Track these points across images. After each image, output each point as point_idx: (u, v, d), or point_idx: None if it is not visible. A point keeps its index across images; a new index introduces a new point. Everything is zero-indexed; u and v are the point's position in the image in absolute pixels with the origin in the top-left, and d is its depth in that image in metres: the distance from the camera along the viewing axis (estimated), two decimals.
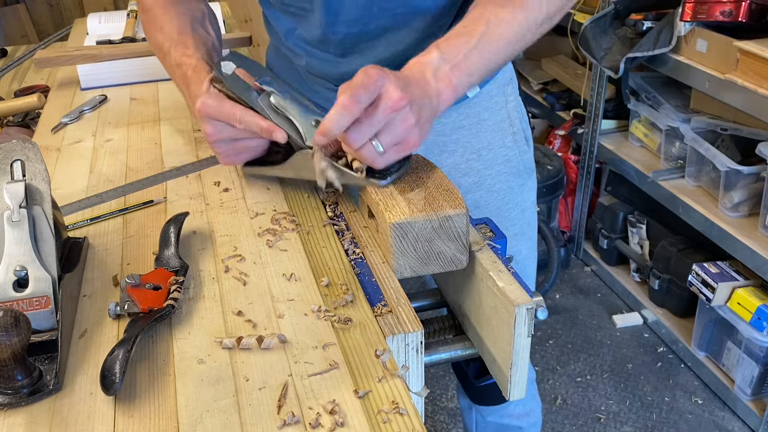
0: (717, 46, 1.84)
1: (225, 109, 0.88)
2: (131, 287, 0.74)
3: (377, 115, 0.76)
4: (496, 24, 0.86)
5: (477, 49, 0.85)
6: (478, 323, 0.81)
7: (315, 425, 0.60)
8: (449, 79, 0.83)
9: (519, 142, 1.16)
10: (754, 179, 1.90)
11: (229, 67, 0.89)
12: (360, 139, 0.77)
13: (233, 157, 0.94)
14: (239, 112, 0.88)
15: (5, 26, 3.74)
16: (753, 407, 1.97)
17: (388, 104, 0.76)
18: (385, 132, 0.78)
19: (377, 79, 0.75)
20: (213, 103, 0.88)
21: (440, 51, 0.84)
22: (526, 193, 1.19)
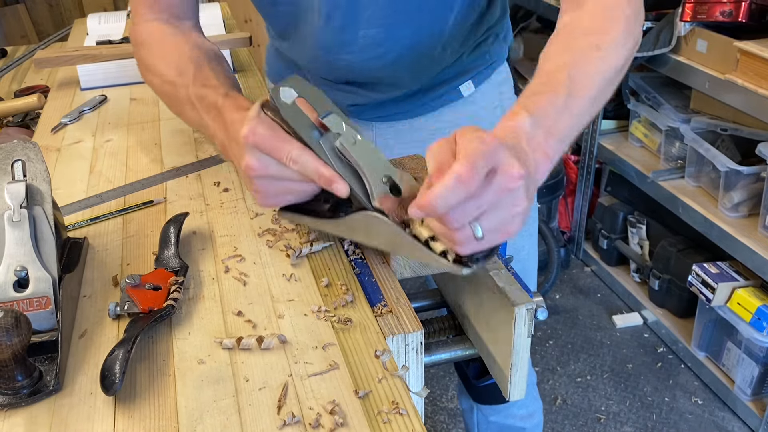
0: (717, 46, 1.84)
1: (279, 143, 0.74)
2: (131, 287, 0.74)
3: (488, 194, 0.62)
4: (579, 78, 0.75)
5: (567, 109, 0.73)
6: (478, 323, 0.81)
7: (315, 425, 0.60)
8: (545, 151, 0.70)
9: None
10: (754, 179, 1.90)
11: (290, 95, 0.74)
12: (461, 220, 0.62)
13: (273, 199, 0.80)
14: (296, 151, 0.74)
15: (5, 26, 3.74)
16: (753, 407, 1.97)
17: (504, 181, 0.62)
18: (490, 214, 0.63)
19: (497, 149, 0.61)
20: (265, 133, 0.74)
21: (530, 113, 0.71)
22: None
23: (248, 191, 0.83)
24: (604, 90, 0.78)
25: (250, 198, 0.96)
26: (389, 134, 1.13)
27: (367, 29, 0.98)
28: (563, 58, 0.77)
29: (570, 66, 0.75)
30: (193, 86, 0.88)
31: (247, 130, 0.74)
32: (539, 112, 0.71)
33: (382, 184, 0.73)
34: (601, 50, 0.77)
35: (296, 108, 0.74)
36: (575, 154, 2.69)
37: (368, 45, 1.00)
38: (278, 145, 0.74)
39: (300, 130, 0.73)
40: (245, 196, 0.96)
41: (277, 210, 0.85)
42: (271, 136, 0.74)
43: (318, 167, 0.74)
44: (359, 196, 0.74)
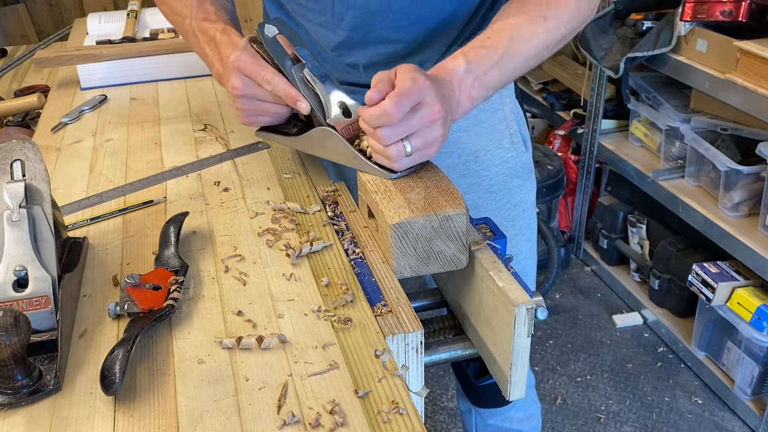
0: (717, 46, 1.84)
1: (258, 68, 0.89)
2: (131, 287, 0.74)
3: (413, 121, 0.79)
4: (519, 40, 0.88)
5: (498, 65, 0.87)
6: (478, 323, 0.81)
7: (315, 425, 0.60)
8: (470, 93, 0.86)
9: (516, 143, 1.16)
10: (754, 179, 1.90)
11: (272, 30, 0.91)
12: (392, 138, 0.80)
13: (252, 117, 0.96)
14: (270, 74, 0.89)
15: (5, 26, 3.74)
16: (753, 407, 1.97)
17: (427, 114, 0.79)
18: (416, 136, 0.81)
19: (423, 89, 0.78)
20: (247, 59, 0.90)
21: (467, 61, 0.86)
22: (525, 194, 1.19)
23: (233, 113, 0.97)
24: (538, 55, 0.91)
25: (250, 198, 0.96)
26: None
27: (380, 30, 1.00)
28: (512, 21, 0.89)
29: (515, 29, 0.88)
30: (196, 19, 1.00)
31: (234, 56, 0.90)
32: (475, 62, 0.86)
33: (336, 107, 0.91)
34: (547, 21, 0.89)
35: (276, 41, 0.90)
36: (575, 153, 2.69)
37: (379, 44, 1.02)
38: (257, 69, 0.90)
39: (277, 59, 0.90)
40: (245, 196, 0.96)
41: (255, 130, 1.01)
42: (252, 62, 0.90)
43: (286, 88, 0.89)
44: (318, 115, 0.91)
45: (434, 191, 0.80)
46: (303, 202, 0.94)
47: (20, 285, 0.70)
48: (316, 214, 0.92)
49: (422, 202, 0.78)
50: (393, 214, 0.76)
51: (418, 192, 0.80)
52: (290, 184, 0.99)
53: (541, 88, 2.96)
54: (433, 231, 0.76)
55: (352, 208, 0.93)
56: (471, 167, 1.13)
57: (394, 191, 0.81)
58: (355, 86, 1.08)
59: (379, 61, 1.04)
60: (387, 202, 0.79)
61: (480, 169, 1.13)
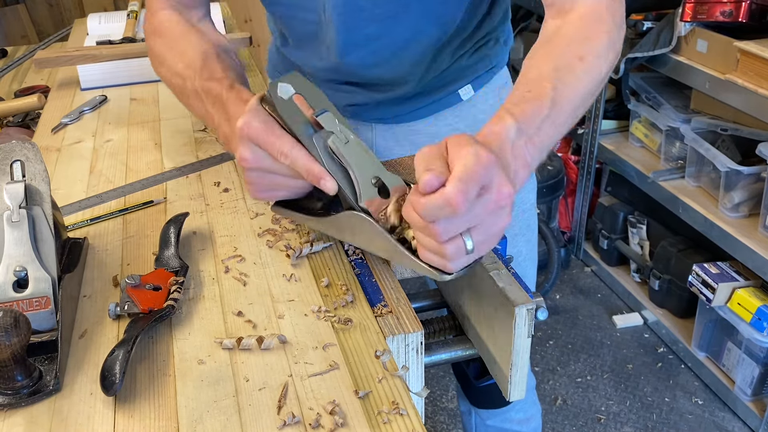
0: (717, 46, 1.84)
1: (272, 138, 0.75)
2: (131, 287, 0.74)
3: (479, 210, 0.63)
4: (562, 88, 0.75)
5: (549, 119, 0.73)
6: (478, 323, 0.81)
7: (315, 425, 0.60)
8: (525, 159, 0.71)
9: None
10: (754, 179, 1.90)
11: (287, 91, 0.75)
12: (450, 232, 0.64)
13: (265, 193, 0.82)
14: (287, 147, 0.75)
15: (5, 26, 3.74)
16: (753, 408, 1.97)
17: (494, 200, 0.63)
18: (479, 228, 0.65)
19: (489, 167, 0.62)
20: (259, 126, 0.75)
21: (516, 121, 0.71)
22: (525, 194, 1.19)
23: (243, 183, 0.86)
24: (584, 102, 0.78)
25: (250, 198, 0.96)
26: (389, 137, 1.13)
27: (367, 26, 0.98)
28: (547, 67, 0.76)
29: (554, 76, 0.75)
30: (200, 78, 0.89)
31: (242, 123, 0.75)
32: (524, 120, 0.71)
33: (371, 185, 0.74)
34: (584, 61, 0.77)
35: (292, 104, 0.75)
36: (575, 154, 2.69)
37: (369, 40, 1.00)
38: (271, 139, 0.75)
39: (294, 126, 0.74)
40: (245, 197, 0.96)
41: (270, 204, 0.87)
42: (264, 130, 0.75)
43: (307, 163, 0.75)
44: (348, 196, 0.75)
45: None
46: None
47: (20, 285, 0.70)
48: None
49: None
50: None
51: None
52: None
53: None
54: None
55: None
56: None
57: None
58: (350, 85, 1.07)
59: (371, 63, 1.02)
60: None
61: None
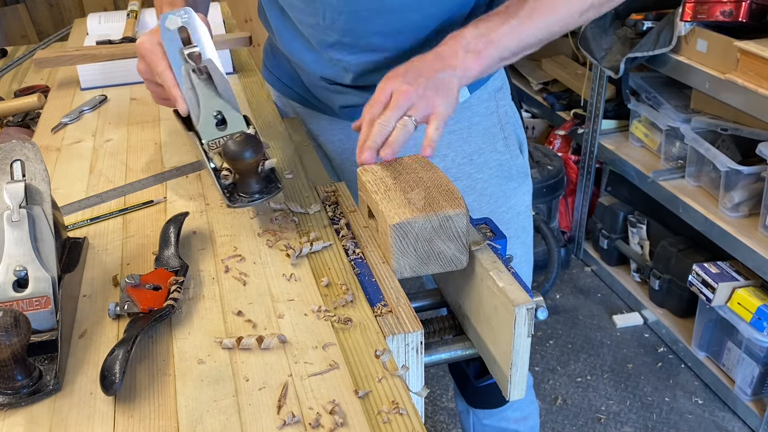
0: (717, 46, 1.84)
1: (154, 57, 0.91)
2: (131, 287, 0.74)
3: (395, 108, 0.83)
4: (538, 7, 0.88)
5: (513, 28, 0.87)
6: (478, 323, 0.81)
7: (315, 425, 0.60)
8: (478, 51, 0.86)
9: (511, 146, 1.16)
10: (754, 179, 1.90)
11: (174, 23, 0.90)
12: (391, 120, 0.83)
13: (159, 100, 0.98)
14: (161, 68, 0.91)
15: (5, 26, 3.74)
16: (753, 407, 1.97)
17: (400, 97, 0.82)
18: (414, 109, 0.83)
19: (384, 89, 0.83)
20: (149, 47, 0.91)
21: (476, 26, 0.87)
22: (520, 197, 1.19)
23: None
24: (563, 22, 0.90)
25: None
26: None
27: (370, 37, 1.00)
28: None
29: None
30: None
31: (139, 40, 0.92)
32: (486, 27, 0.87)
33: (211, 116, 0.90)
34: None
35: (174, 34, 0.89)
36: (575, 154, 2.69)
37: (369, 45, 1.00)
38: (153, 59, 0.91)
39: (169, 53, 0.90)
40: None
41: None
42: (150, 50, 0.91)
43: (170, 86, 0.90)
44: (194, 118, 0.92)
45: (434, 191, 0.80)
46: (303, 202, 0.94)
47: (20, 285, 0.70)
48: (316, 214, 0.92)
49: (422, 203, 0.78)
50: (393, 214, 0.76)
51: (418, 192, 0.80)
52: (290, 184, 0.99)
53: (541, 88, 2.96)
54: (433, 231, 0.76)
55: (352, 208, 0.93)
56: (464, 170, 1.13)
57: (394, 191, 0.81)
58: (344, 87, 1.08)
59: (369, 68, 1.03)
60: (387, 202, 0.79)
61: (474, 172, 1.13)
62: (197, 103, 0.91)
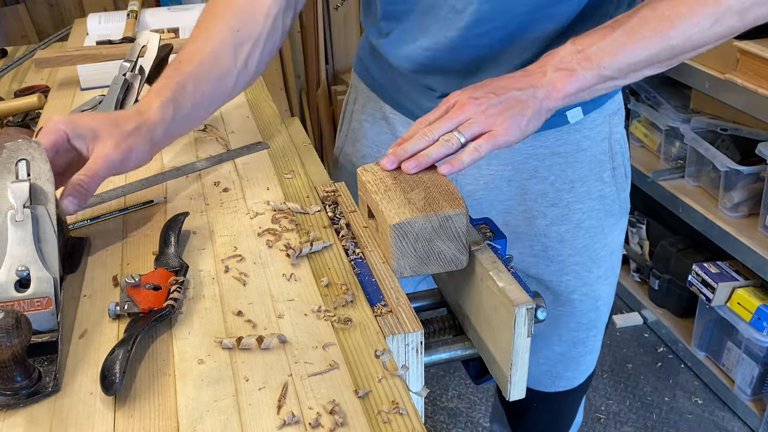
0: (717, 46, 1.84)
1: None
2: (131, 287, 0.74)
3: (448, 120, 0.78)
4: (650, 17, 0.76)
5: (617, 40, 0.76)
6: (478, 323, 0.81)
7: (315, 425, 0.60)
8: (572, 68, 0.76)
9: (618, 178, 1.07)
10: (754, 179, 1.90)
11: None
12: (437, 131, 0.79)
13: None
14: None
15: (5, 26, 3.74)
16: (753, 407, 1.97)
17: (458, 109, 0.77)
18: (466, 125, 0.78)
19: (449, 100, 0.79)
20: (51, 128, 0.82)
21: (573, 42, 0.78)
22: (617, 234, 1.11)
23: None
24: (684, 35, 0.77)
25: (250, 198, 0.96)
26: None
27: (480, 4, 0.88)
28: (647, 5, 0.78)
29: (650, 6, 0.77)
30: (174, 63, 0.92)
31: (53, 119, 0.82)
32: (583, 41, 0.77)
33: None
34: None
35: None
36: None
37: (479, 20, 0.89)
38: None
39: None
40: (245, 196, 0.97)
41: None
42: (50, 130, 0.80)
43: None
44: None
45: (434, 191, 0.80)
46: (303, 202, 0.95)
47: (22, 285, 0.70)
48: (316, 214, 0.92)
49: (422, 203, 0.78)
50: (393, 214, 0.76)
51: (418, 192, 0.80)
52: (290, 184, 1.00)
53: None
54: (433, 231, 0.76)
55: (352, 208, 0.93)
56: (563, 197, 1.04)
57: (394, 191, 0.81)
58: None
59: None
60: (387, 202, 0.79)
61: (573, 201, 1.04)
62: None
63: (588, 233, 1.07)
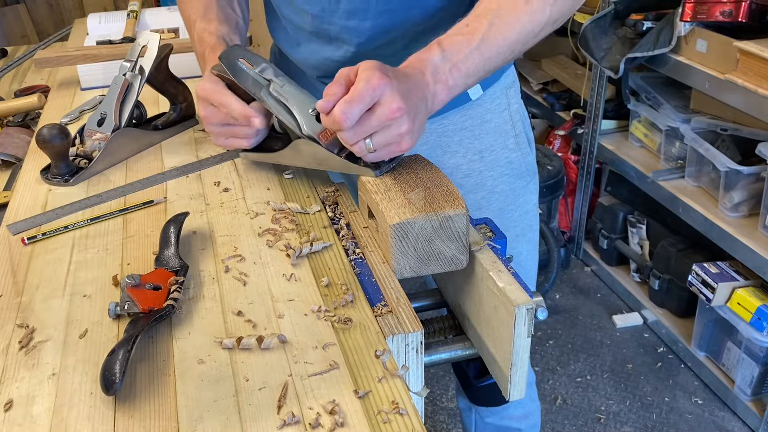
0: (717, 46, 1.84)
1: (217, 95, 0.93)
2: (131, 287, 0.74)
3: (371, 122, 0.79)
4: (499, 25, 0.86)
5: (478, 50, 0.85)
6: (478, 323, 0.81)
7: (315, 425, 0.60)
8: (446, 81, 0.85)
9: (521, 144, 1.16)
10: (754, 179, 1.90)
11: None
12: (353, 139, 0.81)
13: (224, 141, 0.98)
14: (225, 98, 0.92)
15: (5, 26, 3.74)
16: (753, 407, 1.97)
17: (385, 113, 0.79)
18: (378, 135, 0.81)
19: (378, 88, 0.77)
20: (209, 87, 0.93)
21: (442, 49, 0.85)
22: (528, 195, 1.19)
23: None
24: (522, 40, 0.88)
25: (250, 198, 0.96)
26: None
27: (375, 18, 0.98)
28: (492, 5, 0.87)
29: (495, 13, 0.86)
30: (198, 28, 1.06)
31: (198, 87, 0.94)
32: (451, 50, 0.85)
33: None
34: (529, 3, 0.87)
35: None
36: (575, 154, 2.69)
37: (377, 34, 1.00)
38: (214, 95, 0.93)
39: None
40: (245, 196, 0.97)
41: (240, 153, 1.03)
42: (211, 89, 0.93)
43: (239, 107, 0.92)
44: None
45: (434, 191, 0.80)
46: (303, 202, 0.95)
47: None
48: (316, 214, 0.92)
49: (422, 203, 0.78)
50: (393, 214, 0.76)
51: (419, 192, 0.80)
52: (290, 184, 1.00)
53: (541, 88, 2.97)
54: (433, 231, 0.76)
55: (352, 208, 0.93)
56: (475, 167, 1.13)
57: (394, 191, 0.81)
58: None
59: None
60: (387, 202, 0.79)
61: (484, 169, 1.13)
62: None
63: (501, 197, 1.16)
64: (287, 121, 0.91)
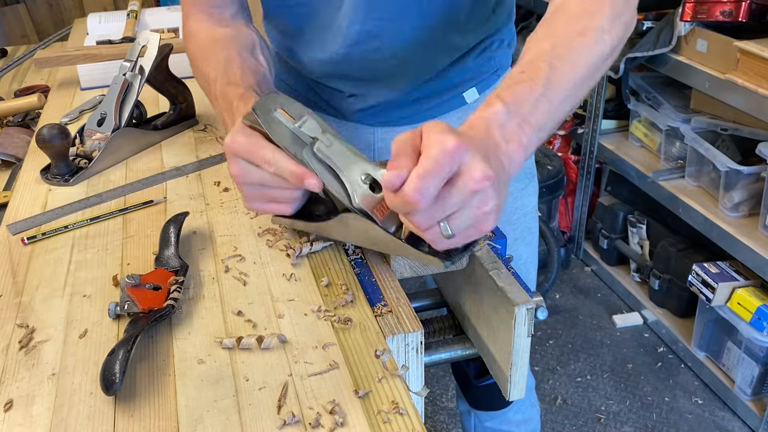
0: (717, 46, 1.84)
1: (256, 148, 0.76)
2: (131, 287, 0.74)
3: (452, 198, 0.63)
4: (560, 66, 0.74)
5: (545, 97, 0.72)
6: (478, 323, 0.81)
7: (315, 425, 0.60)
8: (519, 139, 0.70)
9: None
10: (754, 179, 1.90)
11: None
12: (427, 223, 0.64)
13: (259, 204, 0.82)
14: (270, 153, 0.75)
15: (5, 26, 3.74)
16: (753, 407, 1.97)
17: (468, 185, 0.62)
18: (458, 214, 0.64)
19: (456, 155, 0.62)
20: (243, 140, 0.76)
21: (504, 103, 0.70)
22: (527, 197, 1.18)
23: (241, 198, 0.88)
24: (588, 76, 0.76)
25: None
26: (391, 140, 1.12)
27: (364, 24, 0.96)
28: (545, 45, 0.76)
29: (551, 54, 0.74)
30: (220, 84, 0.91)
31: (228, 140, 0.77)
32: (515, 102, 0.70)
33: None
34: (585, 36, 0.76)
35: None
36: (575, 154, 2.69)
37: (366, 38, 0.98)
38: (254, 150, 0.76)
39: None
40: None
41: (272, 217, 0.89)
42: (248, 143, 0.76)
43: (289, 165, 0.75)
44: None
45: None
46: None
47: None
48: None
49: None
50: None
51: None
52: None
53: None
54: None
55: None
56: None
57: None
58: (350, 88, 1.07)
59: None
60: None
61: None
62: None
63: None
64: (334, 189, 0.75)
